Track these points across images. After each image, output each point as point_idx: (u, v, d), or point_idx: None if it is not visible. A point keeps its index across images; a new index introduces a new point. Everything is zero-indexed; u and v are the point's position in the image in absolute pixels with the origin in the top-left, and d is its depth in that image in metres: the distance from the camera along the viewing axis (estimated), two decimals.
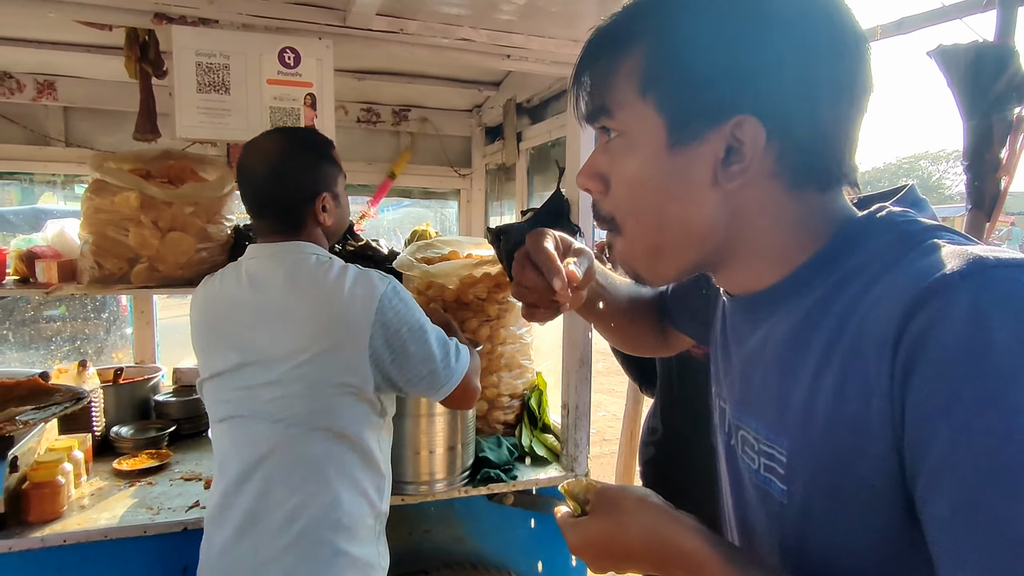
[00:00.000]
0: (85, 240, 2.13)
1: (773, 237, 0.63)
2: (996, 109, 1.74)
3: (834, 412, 0.55)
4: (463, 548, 1.92)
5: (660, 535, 0.62)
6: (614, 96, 0.64)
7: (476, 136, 2.98)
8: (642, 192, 0.64)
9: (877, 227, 0.60)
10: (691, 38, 0.59)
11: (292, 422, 1.31)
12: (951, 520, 0.46)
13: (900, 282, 0.52)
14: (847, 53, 0.59)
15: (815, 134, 0.59)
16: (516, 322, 2.22)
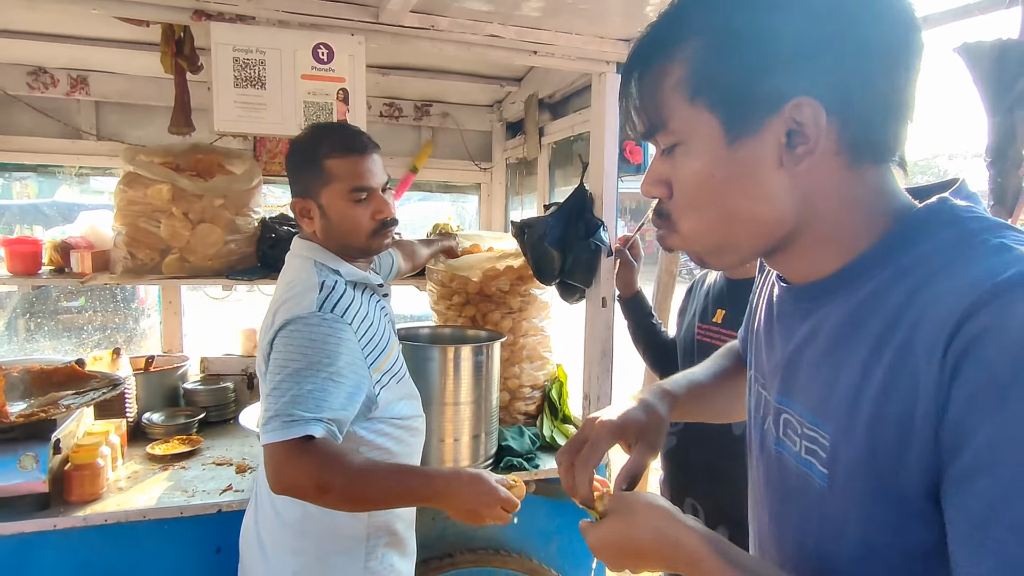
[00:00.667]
0: (118, 231, 2.18)
1: (838, 220, 0.63)
2: (1020, 106, 1.75)
3: (880, 406, 0.56)
4: (485, 534, 1.96)
5: (665, 534, 0.68)
6: (664, 109, 0.65)
7: (496, 131, 3.01)
8: (707, 192, 0.65)
9: (939, 220, 0.60)
10: (732, 34, 0.60)
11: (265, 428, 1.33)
12: (979, 518, 0.48)
13: (960, 283, 0.53)
14: (893, 18, 0.59)
15: (873, 104, 0.60)
16: (538, 314, 2.26)
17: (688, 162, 0.65)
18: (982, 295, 0.50)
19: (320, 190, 1.36)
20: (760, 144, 0.61)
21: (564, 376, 2.34)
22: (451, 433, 1.84)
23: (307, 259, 1.37)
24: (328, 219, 1.37)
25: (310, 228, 1.39)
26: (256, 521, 1.41)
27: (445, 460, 1.85)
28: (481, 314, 2.18)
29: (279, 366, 1.21)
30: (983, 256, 0.54)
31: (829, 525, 0.63)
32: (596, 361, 2.00)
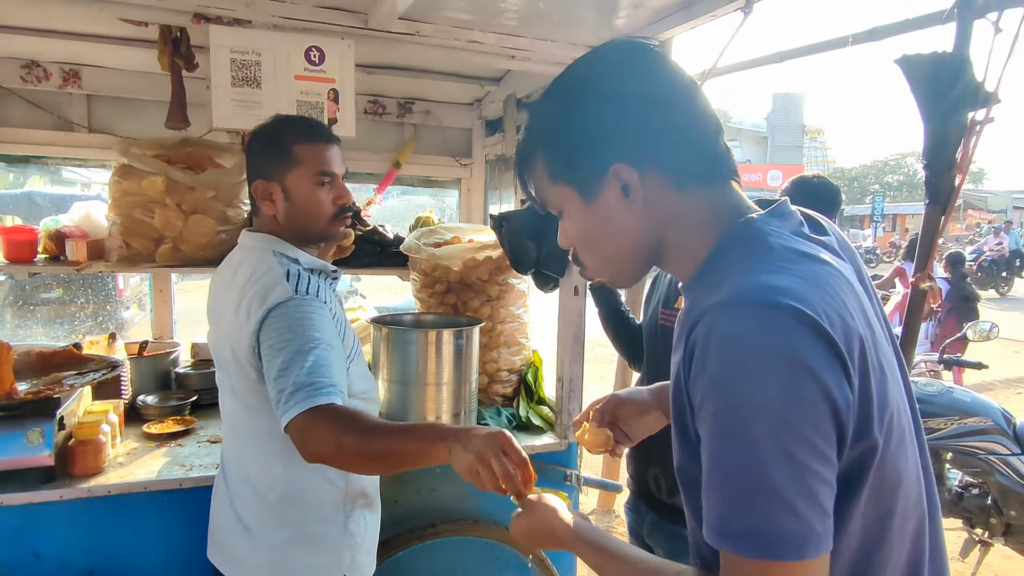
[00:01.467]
0: (113, 221, 2.27)
1: (683, 235, 0.86)
2: (952, 113, 1.93)
3: (674, 380, 0.82)
4: (464, 506, 2.10)
5: (549, 523, 1.01)
6: (541, 191, 0.91)
7: (477, 128, 3.14)
8: (587, 240, 0.90)
9: (737, 238, 0.82)
10: (557, 135, 0.86)
11: (238, 403, 1.43)
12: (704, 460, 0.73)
13: (703, 302, 0.75)
14: (664, 88, 0.83)
15: (674, 146, 0.83)
16: (514, 302, 2.40)
17: (570, 223, 0.90)
18: (700, 312, 0.74)
19: (286, 173, 1.42)
20: (606, 200, 0.85)
21: (539, 361, 2.48)
22: (432, 411, 1.97)
23: (265, 250, 1.42)
24: (292, 202, 1.43)
25: (271, 212, 1.44)
26: (231, 501, 1.46)
27: None
28: (462, 301, 2.32)
29: (277, 348, 1.26)
30: (730, 278, 0.76)
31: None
32: (569, 346, 2.15)
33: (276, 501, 1.42)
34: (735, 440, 0.68)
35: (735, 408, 0.68)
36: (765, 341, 0.68)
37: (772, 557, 0.67)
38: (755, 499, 0.67)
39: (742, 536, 0.68)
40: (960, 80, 1.91)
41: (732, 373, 0.69)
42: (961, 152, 1.93)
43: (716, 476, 0.70)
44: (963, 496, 3.25)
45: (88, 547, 1.74)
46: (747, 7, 1.52)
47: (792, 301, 0.68)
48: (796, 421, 0.67)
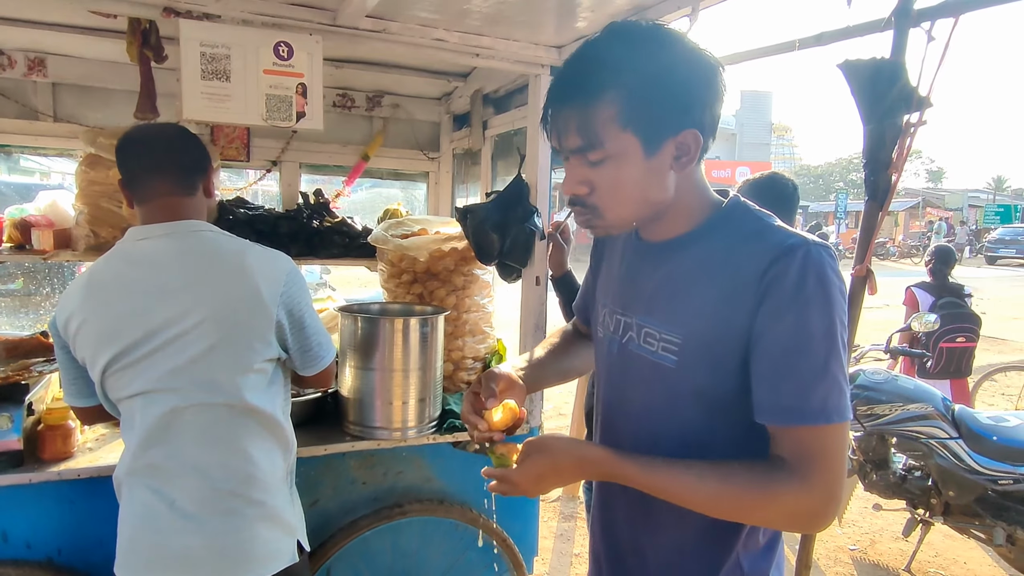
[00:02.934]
0: (80, 210, 2.29)
1: (690, 200, 1.02)
2: (889, 116, 2.06)
3: (720, 314, 0.95)
4: (431, 487, 2.18)
5: (579, 455, 1.00)
6: (601, 134, 0.93)
7: (445, 123, 3.20)
8: (630, 188, 0.97)
9: (739, 208, 1.03)
10: (648, 88, 0.92)
11: (200, 397, 1.40)
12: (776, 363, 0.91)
13: (765, 245, 0.94)
14: (719, 72, 0.97)
15: (714, 128, 0.98)
16: (479, 292, 2.48)
17: (618, 170, 0.96)
18: (775, 256, 0.92)
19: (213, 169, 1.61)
20: (663, 156, 0.96)
21: (504, 349, 2.57)
22: (399, 396, 2.04)
23: (215, 233, 1.50)
24: (213, 197, 1.63)
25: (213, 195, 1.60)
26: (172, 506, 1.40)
27: (394, 421, 2.06)
28: (428, 291, 2.39)
29: (309, 304, 1.52)
30: (772, 232, 0.97)
31: (672, 390, 1.01)
32: (530, 333, 2.23)
33: (239, 484, 1.43)
34: (827, 338, 0.89)
35: (827, 316, 0.89)
36: (832, 267, 0.91)
37: (844, 418, 0.89)
38: (838, 380, 0.89)
39: (832, 408, 0.89)
40: (896, 85, 2.04)
41: (823, 291, 0.89)
42: (897, 152, 2.06)
43: (807, 370, 0.89)
44: (906, 478, 3.43)
45: (56, 529, 1.78)
46: (693, 15, 1.62)
47: (826, 242, 0.94)
48: (845, 320, 0.92)
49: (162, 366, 1.39)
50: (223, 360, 1.41)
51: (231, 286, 1.42)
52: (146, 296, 1.40)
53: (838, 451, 0.90)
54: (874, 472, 3.46)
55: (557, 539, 3.70)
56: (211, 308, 1.40)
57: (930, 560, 3.57)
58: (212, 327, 1.39)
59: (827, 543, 3.73)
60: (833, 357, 0.89)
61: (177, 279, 1.41)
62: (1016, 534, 3.02)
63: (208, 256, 1.44)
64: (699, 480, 0.92)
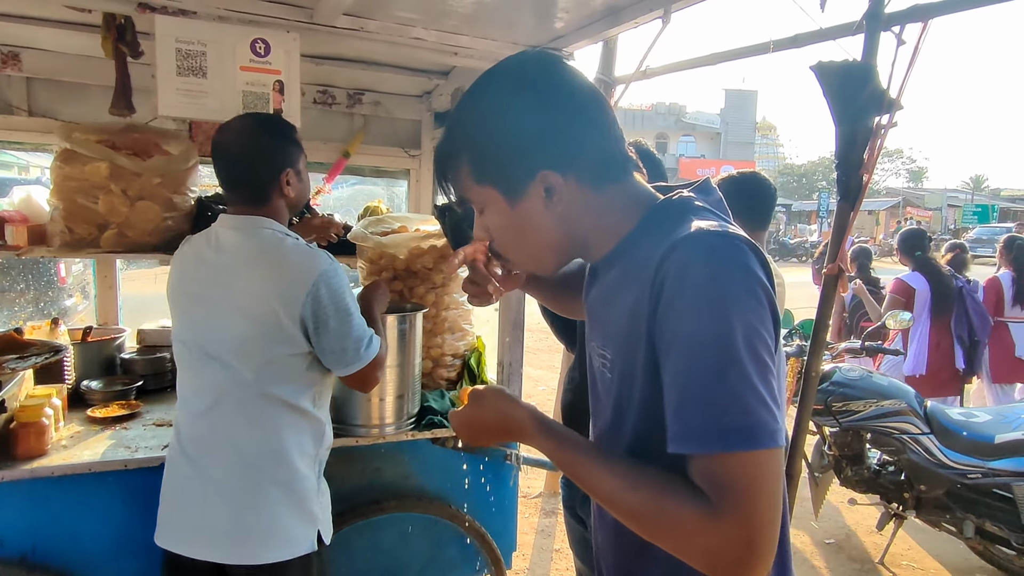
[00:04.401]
0: (55, 206, 2.27)
1: (602, 224, 0.96)
2: (860, 117, 2.10)
3: (628, 323, 0.89)
4: (409, 484, 2.20)
5: (504, 410, 0.98)
6: (463, 190, 0.97)
7: (426, 120, 3.20)
8: (507, 237, 0.98)
9: (668, 208, 0.93)
10: (486, 143, 0.92)
11: (239, 377, 1.53)
12: (671, 377, 0.80)
13: (661, 243, 0.84)
14: (578, 101, 0.91)
15: (590, 152, 0.92)
16: (459, 290, 2.49)
17: (491, 221, 0.98)
18: (665, 251, 0.82)
19: (300, 159, 1.66)
20: (530, 202, 0.93)
21: (483, 346, 2.58)
22: (377, 393, 2.05)
23: (270, 230, 1.58)
24: (303, 183, 1.67)
25: (291, 195, 1.63)
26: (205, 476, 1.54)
27: (372, 418, 2.07)
28: (407, 288, 2.40)
29: (340, 308, 1.55)
30: (676, 227, 0.86)
31: (614, 404, 0.96)
32: (509, 331, 2.25)
33: (269, 462, 1.54)
34: (718, 344, 0.76)
35: (718, 317, 0.76)
36: (734, 259, 0.79)
37: (757, 446, 0.74)
38: (739, 396, 0.74)
39: (732, 432, 0.74)
40: (867, 87, 2.07)
41: (712, 288, 0.77)
42: (868, 153, 2.10)
43: (696, 384, 0.76)
44: (880, 473, 3.50)
45: (30, 527, 1.77)
46: (665, 16, 1.65)
47: (736, 232, 0.83)
48: (758, 325, 0.78)
49: (207, 338, 1.55)
50: (254, 348, 1.52)
51: (268, 280, 1.52)
52: (210, 273, 1.58)
53: (753, 485, 0.74)
54: (849, 467, 3.52)
55: (538, 535, 3.73)
56: (248, 298, 1.52)
57: (903, 553, 3.65)
58: (245, 317, 1.51)
59: (802, 538, 3.79)
60: (731, 369, 0.75)
61: (231, 266, 1.55)
62: (985, 527, 3.10)
63: (255, 250, 1.56)
64: (608, 474, 0.85)
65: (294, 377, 1.57)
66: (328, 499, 1.71)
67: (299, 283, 1.51)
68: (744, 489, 0.74)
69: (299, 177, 1.66)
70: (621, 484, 0.84)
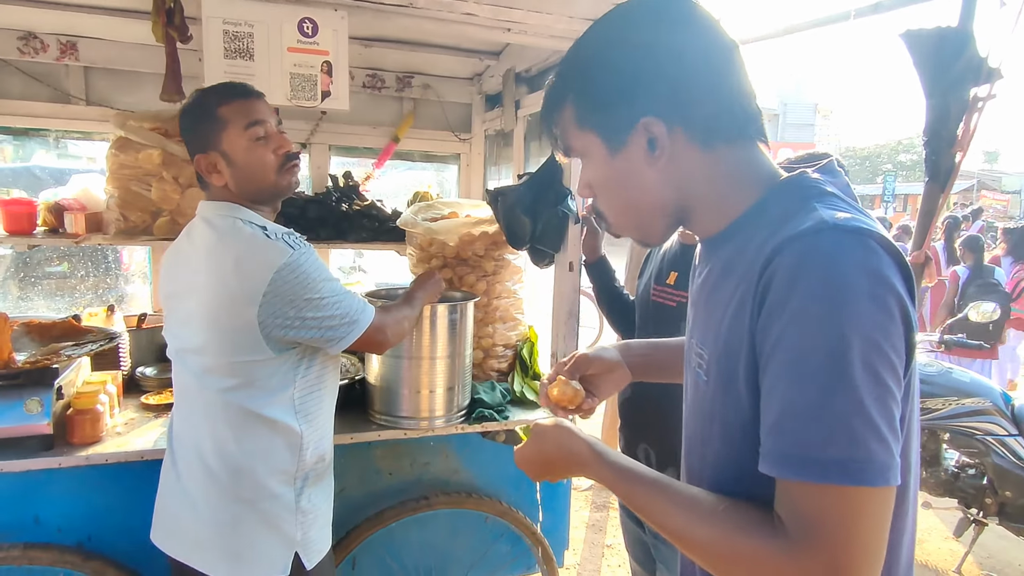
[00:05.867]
0: (111, 194, 2.29)
1: (712, 191, 0.85)
2: (954, 89, 1.90)
3: (730, 322, 0.78)
4: (458, 479, 2.13)
5: (565, 445, 0.93)
6: (567, 136, 0.90)
7: (476, 103, 3.11)
8: (608, 191, 0.89)
9: (789, 190, 0.81)
10: (592, 84, 0.84)
11: (202, 382, 1.43)
12: (769, 386, 0.71)
13: (776, 236, 0.73)
14: (704, 45, 0.81)
15: (705, 107, 0.81)
16: (510, 278, 2.40)
17: (592, 171, 0.89)
18: (777, 246, 0.71)
19: (220, 137, 1.41)
20: (631, 152, 0.84)
21: (535, 336, 2.49)
22: (427, 385, 1.99)
23: (233, 219, 1.41)
24: (235, 165, 1.42)
25: (220, 182, 1.44)
26: (178, 478, 1.47)
27: (420, 411, 2.00)
28: (458, 277, 2.32)
29: (312, 298, 1.37)
30: (797, 217, 0.74)
31: (706, 411, 0.87)
32: (563, 321, 2.15)
33: (227, 476, 1.41)
34: (828, 361, 0.65)
35: (832, 329, 0.65)
36: (858, 261, 0.67)
37: (861, 483, 0.64)
38: (846, 423, 0.65)
39: (831, 462, 0.65)
40: (963, 55, 1.88)
41: (828, 294, 0.66)
42: (963, 129, 1.90)
43: (798, 403, 0.67)
44: (959, 476, 3.26)
45: (86, 513, 1.78)
46: None
47: (871, 227, 0.70)
48: (882, 341, 0.66)
49: (180, 342, 1.47)
50: (212, 351, 1.40)
51: (223, 279, 1.36)
52: (172, 279, 1.49)
53: (845, 525, 0.65)
54: (925, 469, 3.30)
55: (589, 529, 3.64)
56: (208, 296, 1.38)
57: (982, 562, 3.40)
58: (204, 317, 1.39)
59: None
60: (841, 391, 0.64)
61: (187, 266, 1.44)
62: None
63: (206, 249, 1.40)
64: (675, 507, 0.79)
65: (260, 384, 1.41)
66: (321, 517, 1.55)
67: (254, 282, 1.33)
68: (834, 527, 0.65)
69: (227, 160, 1.42)
70: (688, 517, 0.78)
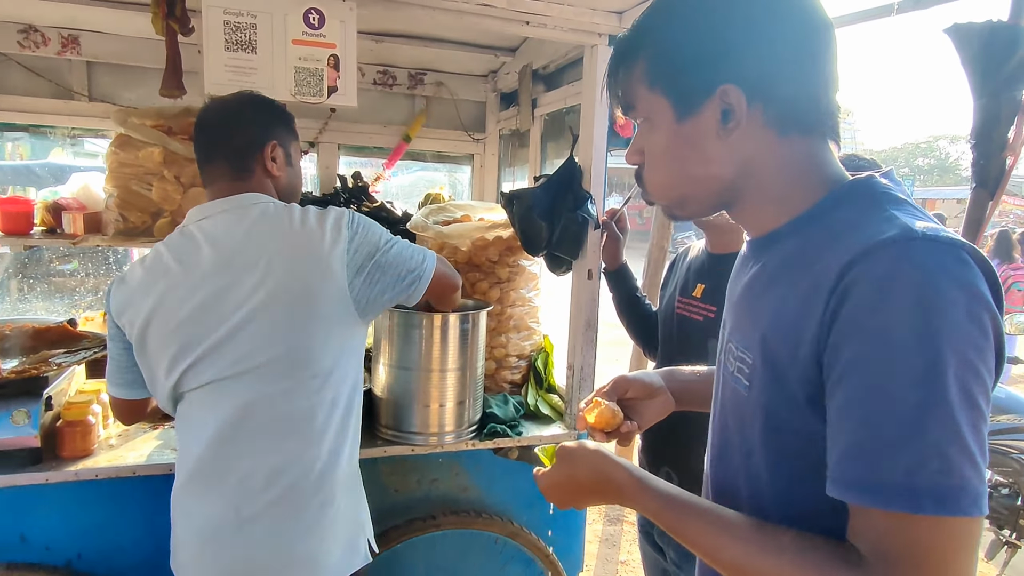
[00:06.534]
0: (110, 193, 2.19)
1: (774, 182, 0.79)
2: (1006, 89, 1.76)
3: (788, 329, 0.72)
4: (468, 497, 2.02)
5: (600, 470, 0.85)
6: (632, 95, 0.84)
7: (491, 101, 3.00)
8: (665, 158, 0.82)
9: (859, 192, 0.75)
10: (674, 40, 0.79)
11: (271, 373, 1.29)
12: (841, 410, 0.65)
13: (851, 242, 0.67)
14: (800, 21, 0.76)
15: (790, 87, 0.76)
16: (525, 285, 2.29)
17: (651, 134, 0.83)
18: (858, 253, 0.65)
19: (290, 141, 1.48)
20: (701, 121, 0.78)
21: (550, 346, 2.38)
22: (436, 399, 1.88)
23: (277, 203, 1.39)
24: (292, 167, 1.49)
25: (276, 173, 1.43)
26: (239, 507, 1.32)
27: (430, 425, 1.89)
28: (470, 283, 2.21)
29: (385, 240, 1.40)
30: (874, 223, 0.68)
31: (746, 420, 0.80)
32: (581, 332, 2.03)
33: (319, 480, 1.34)
34: (924, 381, 0.60)
35: (928, 346, 0.60)
36: (954, 275, 0.62)
37: (956, 512, 0.59)
38: (941, 449, 0.59)
39: (923, 490, 0.59)
40: (1015, 53, 1.74)
41: (924, 310, 0.61)
42: (1015, 132, 1.76)
43: (887, 424, 0.61)
44: (991, 496, 3.12)
45: (75, 531, 1.69)
46: None
47: (961, 239, 0.65)
48: (978, 361, 0.61)
49: (234, 352, 1.29)
50: (297, 339, 1.30)
51: (294, 255, 1.31)
52: (207, 277, 1.30)
53: (938, 558, 0.60)
54: None
55: (602, 544, 3.52)
56: (277, 282, 1.29)
57: None
58: (280, 305, 1.29)
59: None
60: (936, 414, 0.59)
61: (241, 255, 1.30)
62: None
63: (266, 226, 1.33)
64: (731, 538, 0.72)
65: (339, 359, 1.38)
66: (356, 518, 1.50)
67: (332, 244, 1.32)
68: (926, 561, 0.61)
69: (288, 159, 1.46)
70: (748, 550, 0.71)
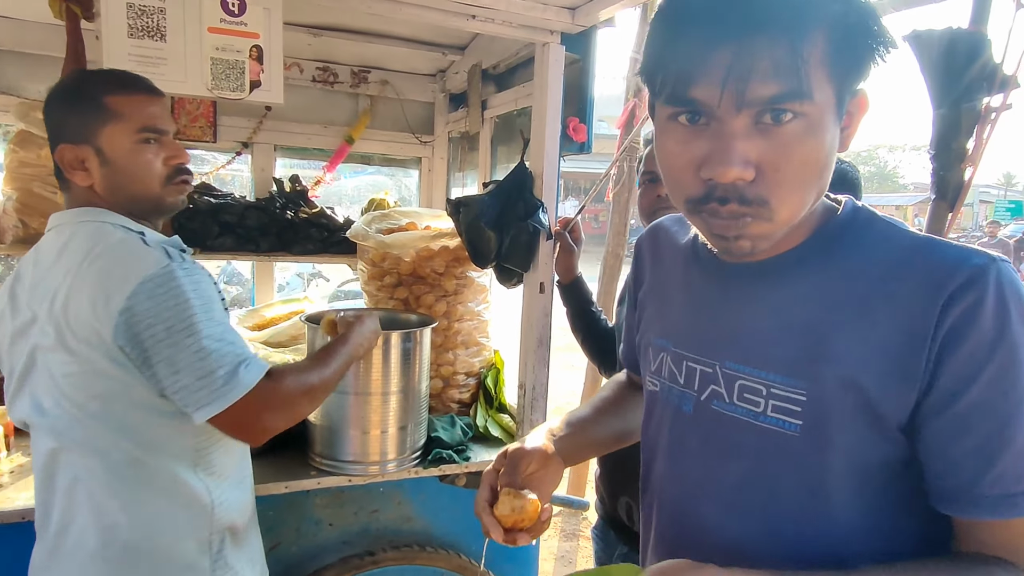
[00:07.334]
0: (8, 196, 1.99)
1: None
2: (966, 98, 1.72)
3: (869, 359, 0.67)
4: (411, 528, 1.87)
5: None
6: (811, 77, 0.63)
7: (439, 102, 2.85)
8: (816, 168, 0.67)
9: (863, 217, 0.75)
10: (855, 23, 0.64)
11: (58, 432, 1.12)
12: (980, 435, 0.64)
13: (936, 263, 0.66)
14: None
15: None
16: (474, 298, 2.15)
17: (810, 137, 0.65)
18: (964, 278, 0.64)
19: (98, 132, 1.16)
20: (842, 122, 0.69)
21: (501, 363, 2.24)
22: (377, 425, 1.72)
23: (100, 223, 1.15)
24: (110, 165, 1.17)
25: (85, 182, 1.18)
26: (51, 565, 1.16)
27: (370, 453, 1.73)
28: (414, 296, 2.06)
29: (174, 327, 1.06)
30: (936, 246, 0.68)
31: (800, 468, 0.72)
32: (532, 350, 1.91)
33: (117, 555, 1.12)
34: None
35: None
36: None
37: None
38: None
39: None
40: (976, 61, 1.70)
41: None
42: (974, 142, 1.72)
43: (1014, 437, 0.64)
44: None
45: None
46: None
47: None
48: None
49: (32, 395, 1.14)
50: (81, 391, 1.11)
51: (77, 297, 1.08)
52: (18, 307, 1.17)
53: None
54: None
55: (558, 561, 3.40)
56: (58, 327, 1.09)
57: None
58: (65, 351, 1.09)
59: None
60: None
61: (44, 281, 1.13)
62: None
63: (60, 258, 1.12)
64: None
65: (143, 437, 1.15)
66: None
67: (113, 296, 1.05)
68: None
69: (101, 158, 1.17)
70: None
